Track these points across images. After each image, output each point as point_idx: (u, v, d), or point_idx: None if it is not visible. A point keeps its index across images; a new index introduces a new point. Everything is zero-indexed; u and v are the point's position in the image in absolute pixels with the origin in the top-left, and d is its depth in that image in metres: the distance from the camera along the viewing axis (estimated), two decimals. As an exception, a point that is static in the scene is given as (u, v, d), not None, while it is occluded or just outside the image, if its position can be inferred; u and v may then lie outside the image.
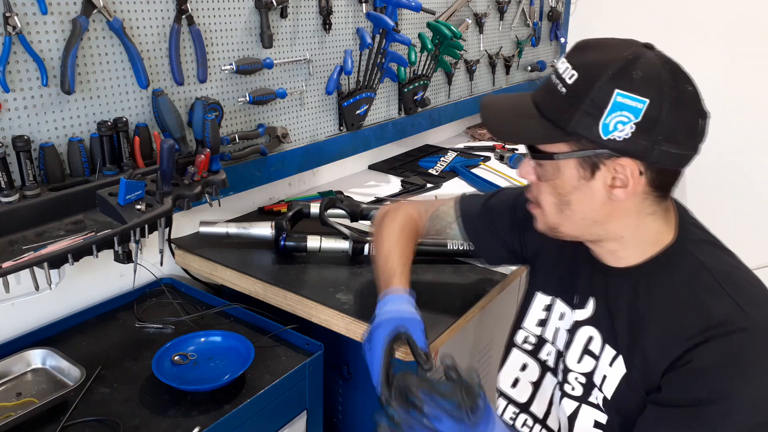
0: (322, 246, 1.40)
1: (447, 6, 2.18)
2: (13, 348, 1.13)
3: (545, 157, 0.86)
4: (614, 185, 0.83)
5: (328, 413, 1.43)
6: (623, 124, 0.78)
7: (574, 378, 0.98)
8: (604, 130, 0.79)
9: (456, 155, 2.26)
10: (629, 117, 0.77)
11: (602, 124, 0.79)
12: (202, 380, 1.09)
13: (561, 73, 0.84)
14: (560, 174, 0.85)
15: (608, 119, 0.78)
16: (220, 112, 1.40)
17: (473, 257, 1.43)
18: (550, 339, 1.05)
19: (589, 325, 0.97)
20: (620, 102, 0.77)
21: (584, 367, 0.97)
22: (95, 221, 1.12)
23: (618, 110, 0.78)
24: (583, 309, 0.98)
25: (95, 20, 1.17)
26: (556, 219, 0.90)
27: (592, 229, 0.89)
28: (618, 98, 0.77)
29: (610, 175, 0.82)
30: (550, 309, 1.06)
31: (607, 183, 0.83)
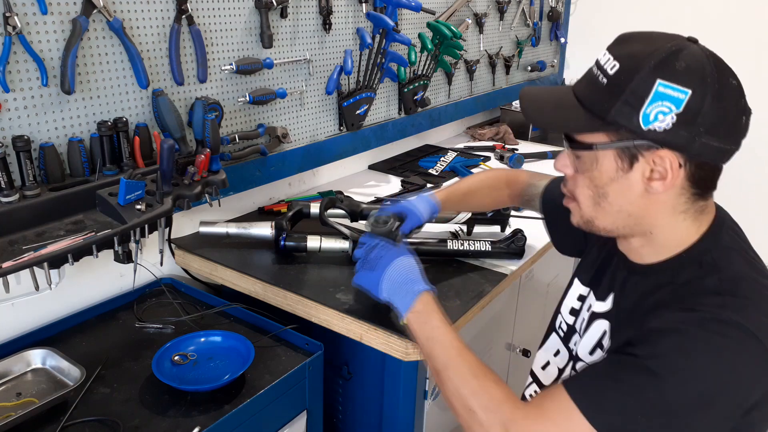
0: (322, 246, 1.40)
1: (447, 6, 2.18)
2: (13, 348, 1.13)
3: (584, 147, 0.86)
4: (652, 177, 0.82)
5: (328, 413, 1.43)
6: (664, 115, 0.77)
7: (581, 367, 0.99)
8: (645, 120, 0.78)
9: (456, 155, 2.26)
10: (670, 107, 0.77)
11: (642, 114, 0.78)
12: (202, 380, 1.09)
13: (602, 65, 0.83)
14: (598, 165, 0.85)
15: (649, 109, 0.78)
16: (220, 112, 1.40)
17: (475, 257, 1.43)
18: (579, 330, 1.05)
19: (604, 319, 0.97)
20: (662, 92, 0.77)
21: (593, 359, 0.97)
22: (95, 221, 1.12)
23: (659, 100, 0.77)
24: (603, 302, 0.99)
25: (95, 20, 1.17)
26: (592, 212, 0.90)
27: (627, 222, 0.88)
28: (660, 88, 0.77)
29: (648, 167, 0.82)
30: (583, 300, 1.06)
31: (645, 175, 0.82)
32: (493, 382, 0.88)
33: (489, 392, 0.87)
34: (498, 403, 0.85)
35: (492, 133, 2.57)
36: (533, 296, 1.80)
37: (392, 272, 1.05)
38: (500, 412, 0.84)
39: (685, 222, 0.87)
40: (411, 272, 1.05)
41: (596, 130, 0.84)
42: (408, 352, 1.12)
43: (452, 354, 0.93)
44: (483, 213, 1.53)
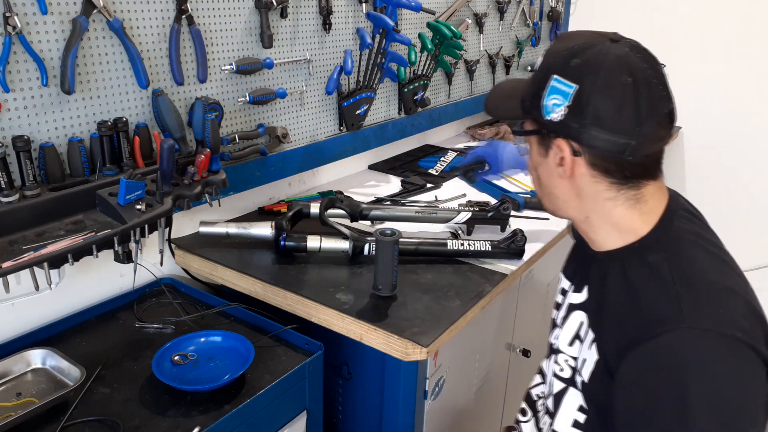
0: (322, 246, 1.40)
1: (447, 6, 2.18)
2: (13, 348, 1.13)
3: (517, 133, 0.98)
4: (559, 164, 0.91)
5: (328, 413, 1.43)
6: (558, 107, 0.87)
7: (564, 360, 1.01)
8: (546, 111, 0.88)
9: (456, 155, 2.26)
10: (562, 100, 0.86)
11: (543, 105, 0.88)
12: (202, 380, 1.09)
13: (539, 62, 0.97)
14: (531, 150, 0.97)
15: (547, 101, 0.88)
16: (220, 112, 1.40)
17: (475, 257, 1.43)
18: (559, 323, 1.07)
19: (581, 310, 0.99)
20: (554, 86, 0.87)
21: (574, 350, 0.99)
22: (95, 221, 1.12)
23: (553, 93, 0.87)
24: (579, 293, 1.01)
25: (95, 20, 1.17)
26: (538, 192, 1.01)
27: (560, 204, 0.97)
28: (554, 82, 0.87)
29: (556, 153, 0.90)
30: (565, 294, 1.08)
31: (555, 161, 0.91)
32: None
33: None
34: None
35: (492, 133, 2.57)
36: (533, 296, 1.80)
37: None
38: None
39: (618, 209, 0.91)
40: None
41: (518, 118, 0.97)
42: (408, 352, 1.12)
43: None
44: (485, 212, 1.53)
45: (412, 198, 1.82)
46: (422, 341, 1.11)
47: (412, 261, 1.40)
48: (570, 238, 1.17)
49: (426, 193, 1.89)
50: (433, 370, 1.28)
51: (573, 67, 0.85)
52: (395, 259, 1.22)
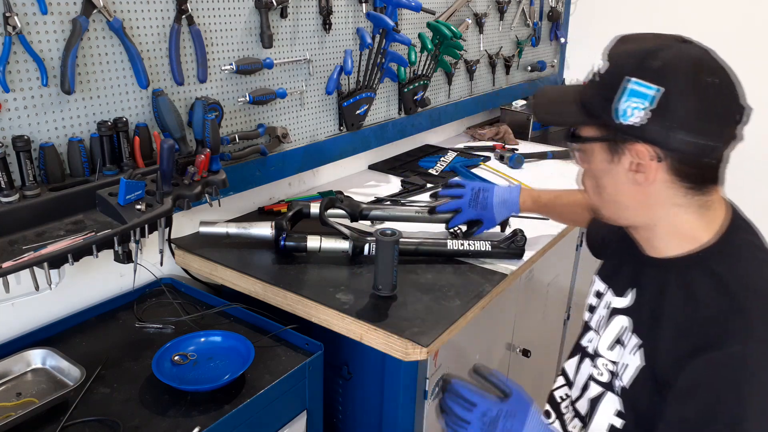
0: (322, 246, 1.40)
1: (447, 6, 2.18)
2: (13, 348, 1.13)
3: (578, 140, 0.93)
4: (635, 170, 0.86)
5: (328, 413, 1.43)
6: (639, 110, 0.82)
7: (603, 364, 1.00)
8: (622, 115, 0.83)
9: (456, 155, 2.26)
10: (643, 104, 0.81)
11: (620, 110, 0.83)
12: (202, 380, 1.09)
13: (601, 65, 0.89)
14: (593, 158, 0.91)
15: (624, 105, 0.83)
16: (220, 112, 1.40)
17: (475, 257, 1.43)
18: (594, 326, 1.06)
19: (623, 314, 0.98)
20: (634, 89, 0.82)
21: (614, 355, 0.98)
22: (95, 221, 1.12)
23: (632, 96, 0.82)
24: (623, 297, 1.00)
25: (95, 20, 1.17)
26: (597, 201, 0.96)
27: (624, 213, 0.93)
28: (633, 85, 0.82)
29: (631, 160, 0.86)
30: (600, 297, 1.07)
31: (629, 168, 0.87)
32: None
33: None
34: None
35: (492, 133, 2.57)
36: (533, 296, 1.80)
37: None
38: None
39: (687, 216, 0.89)
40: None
41: (585, 124, 0.91)
42: (408, 352, 1.12)
43: None
44: None
45: (412, 198, 1.82)
46: (422, 341, 1.11)
47: (412, 261, 1.40)
48: (566, 239, 1.17)
49: (426, 193, 1.89)
50: (433, 370, 1.28)
51: (653, 69, 0.81)
52: (395, 259, 1.22)
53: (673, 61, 0.82)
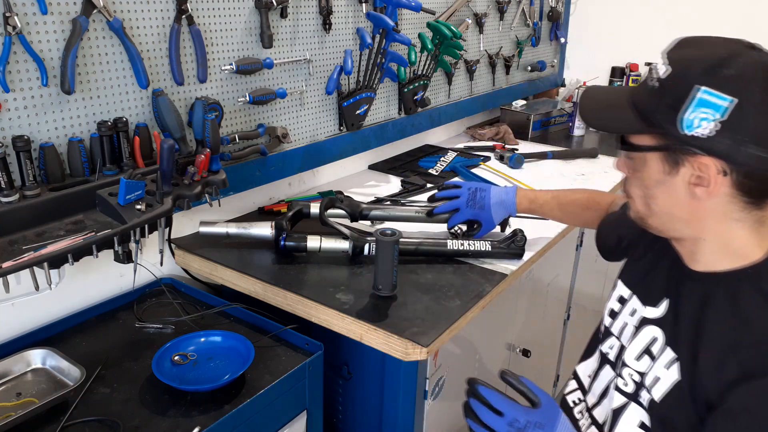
0: (322, 246, 1.40)
1: (447, 6, 2.18)
2: (13, 348, 1.13)
3: (632, 148, 0.88)
4: (696, 183, 0.82)
5: (328, 413, 1.43)
6: (707, 122, 0.77)
7: (629, 374, 0.98)
8: (688, 125, 0.78)
9: (456, 155, 2.26)
10: (714, 114, 0.77)
11: (686, 120, 0.78)
12: (202, 380, 1.09)
13: (657, 68, 0.84)
14: (646, 167, 0.87)
15: (692, 115, 0.78)
16: (220, 112, 1.40)
17: (475, 257, 1.43)
18: (616, 333, 1.05)
19: (655, 325, 0.96)
20: (704, 99, 0.77)
21: (641, 365, 0.96)
22: (95, 221, 1.12)
23: (702, 107, 0.77)
24: (654, 307, 0.97)
25: (95, 20, 1.17)
26: (644, 211, 0.92)
27: (676, 225, 0.89)
28: (703, 95, 0.77)
29: (692, 172, 0.82)
30: (624, 302, 1.05)
31: (689, 180, 0.83)
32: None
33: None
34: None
35: (492, 133, 2.57)
36: (533, 296, 1.80)
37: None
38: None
39: (741, 231, 0.85)
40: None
41: (642, 132, 0.85)
42: (408, 352, 1.12)
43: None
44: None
45: (412, 198, 1.82)
46: (422, 341, 1.11)
47: (412, 261, 1.40)
48: (566, 239, 1.16)
49: (426, 193, 1.89)
50: (433, 370, 1.28)
51: (726, 78, 0.76)
52: (395, 259, 1.22)
53: (747, 71, 0.76)
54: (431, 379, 1.28)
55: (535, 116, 2.66)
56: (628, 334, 1.02)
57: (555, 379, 2.25)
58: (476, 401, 0.92)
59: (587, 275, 2.20)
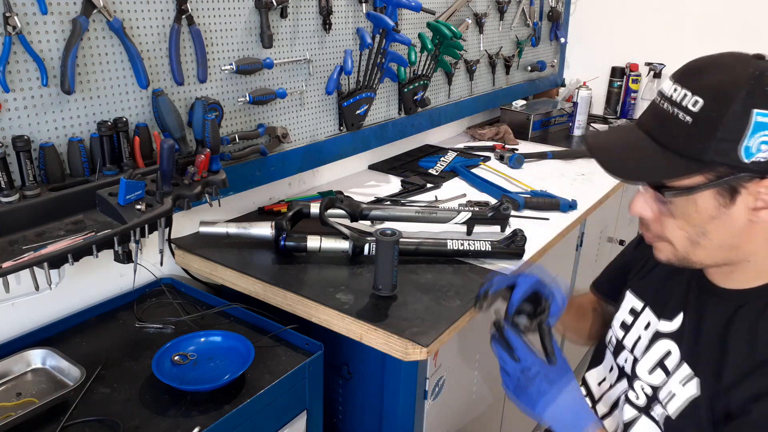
0: (322, 246, 1.40)
1: (447, 6, 2.18)
2: (13, 348, 1.13)
3: (680, 192, 0.80)
4: (758, 207, 0.78)
5: (328, 413, 1.43)
6: (766, 145, 0.74)
7: (640, 387, 0.98)
8: (747, 153, 0.74)
9: (456, 155, 2.26)
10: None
11: (744, 148, 0.74)
12: (202, 380, 1.09)
13: (678, 101, 0.78)
14: (697, 207, 0.80)
15: (750, 141, 0.74)
16: (220, 112, 1.40)
17: (475, 257, 1.43)
18: (629, 347, 1.04)
19: (670, 339, 0.95)
20: (761, 121, 0.73)
21: (653, 379, 0.96)
22: (95, 221, 1.12)
23: (760, 130, 0.73)
24: (669, 321, 0.96)
25: (95, 20, 1.17)
26: (689, 249, 0.86)
27: (727, 254, 0.85)
28: (758, 118, 0.73)
29: (752, 198, 0.78)
30: (637, 315, 1.04)
31: (750, 206, 0.79)
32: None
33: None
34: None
35: (492, 133, 2.57)
36: (533, 296, 1.79)
37: (555, 412, 0.94)
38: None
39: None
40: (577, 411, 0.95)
41: (693, 173, 0.78)
42: (408, 352, 1.12)
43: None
44: (485, 212, 1.53)
45: (412, 198, 1.82)
46: (422, 341, 1.11)
47: (412, 261, 1.40)
48: (566, 239, 1.15)
49: (426, 193, 1.89)
50: (433, 370, 1.28)
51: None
52: (395, 259, 1.22)
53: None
54: (431, 379, 1.28)
55: (535, 116, 2.67)
56: (641, 347, 1.01)
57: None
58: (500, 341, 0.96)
59: (587, 275, 2.20)
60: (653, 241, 0.91)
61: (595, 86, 2.97)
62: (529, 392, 0.95)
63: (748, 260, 0.85)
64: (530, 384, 0.94)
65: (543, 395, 0.93)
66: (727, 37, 2.72)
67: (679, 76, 0.81)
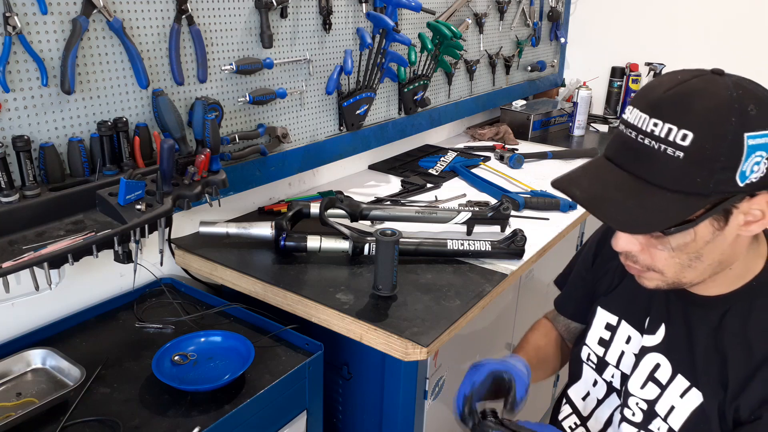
0: (322, 246, 1.40)
1: (447, 6, 2.18)
2: (13, 348, 1.13)
3: (681, 228, 0.78)
4: (749, 221, 0.79)
5: (328, 413, 1.43)
6: (758, 165, 0.75)
7: (635, 403, 0.98)
8: (742, 177, 0.74)
9: (456, 155, 2.26)
10: (762, 155, 0.74)
11: (740, 173, 0.74)
12: (202, 380, 1.09)
13: (663, 135, 0.75)
14: (695, 236, 0.80)
15: (745, 166, 0.74)
16: (220, 112, 1.40)
17: (475, 257, 1.43)
18: (614, 362, 1.04)
19: (657, 353, 0.95)
20: (753, 144, 0.74)
21: (647, 393, 0.96)
22: (95, 221, 1.12)
23: (752, 152, 0.74)
24: (653, 335, 0.96)
25: (95, 20, 1.17)
26: (680, 274, 0.85)
27: (716, 269, 0.85)
28: (750, 141, 0.73)
29: (742, 216, 0.79)
30: (614, 331, 1.04)
31: (740, 223, 0.79)
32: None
33: None
34: None
35: (492, 133, 2.57)
36: (533, 296, 1.80)
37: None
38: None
39: (750, 248, 0.86)
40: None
41: (699, 209, 0.77)
42: (408, 352, 1.12)
43: None
44: (485, 212, 1.53)
45: (412, 198, 1.82)
46: (422, 341, 1.11)
47: (412, 261, 1.40)
48: (566, 239, 1.16)
49: (426, 193, 1.89)
50: (433, 370, 1.28)
51: (755, 116, 0.73)
52: (395, 259, 1.22)
53: (760, 98, 0.75)
54: (431, 379, 1.28)
55: (535, 116, 2.67)
56: (628, 362, 1.01)
57: (555, 379, 2.25)
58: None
59: (587, 275, 2.20)
60: (641, 272, 0.88)
61: (595, 86, 2.97)
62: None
63: (730, 267, 0.86)
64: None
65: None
66: (727, 37, 2.72)
67: (652, 107, 0.77)
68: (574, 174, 0.85)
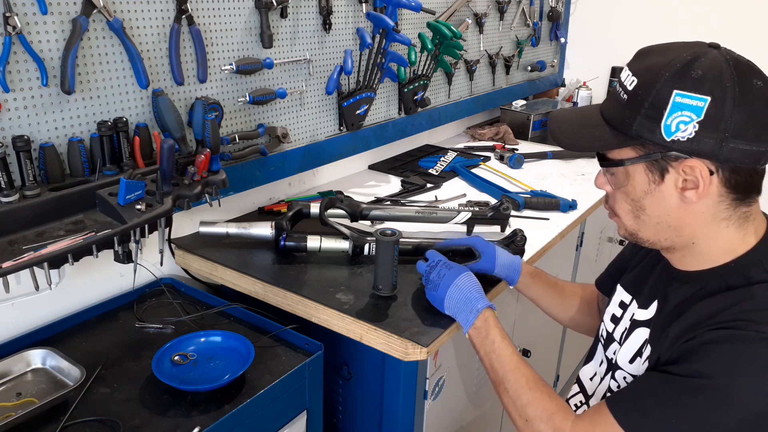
0: (322, 246, 1.40)
1: (447, 6, 2.18)
2: (13, 348, 1.13)
3: (614, 164, 0.88)
4: (685, 187, 0.83)
5: (328, 413, 1.43)
6: (685, 124, 0.78)
7: (622, 377, 0.99)
8: (667, 131, 0.79)
9: (456, 155, 2.26)
10: (691, 116, 0.78)
11: (664, 126, 0.79)
12: (202, 380, 1.09)
13: (623, 81, 0.85)
14: (631, 180, 0.87)
15: (669, 120, 0.79)
16: (220, 112, 1.40)
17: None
18: (618, 338, 1.05)
19: (645, 327, 0.97)
20: (680, 102, 0.78)
21: (633, 368, 0.97)
22: (95, 221, 1.12)
23: (678, 110, 0.78)
24: (646, 309, 0.98)
25: (95, 20, 1.17)
26: (634, 225, 0.92)
27: (668, 234, 0.89)
28: (677, 98, 0.78)
29: (680, 177, 0.82)
30: (625, 308, 1.06)
31: (678, 185, 0.83)
32: (547, 395, 0.94)
33: (543, 404, 0.93)
34: (550, 414, 0.91)
35: (492, 133, 2.57)
36: (533, 296, 1.79)
37: (454, 291, 1.11)
38: (552, 422, 0.90)
39: (728, 230, 0.86)
40: (472, 290, 1.11)
41: (621, 146, 0.86)
42: (408, 352, 1.12)
43: (510, 367, 0.99)
44: (485, 212, 1.53)
45: (412, 198, 1.82)
46: (422, 341, 1.11)
47: (412, 261, 1.40)
48: (566, 239, 1.16)
49: (426, 193, 1.89)
50: (433, 370, 1.28)
51: (696, 79, 0.77)
52: (395, 259, 1.22)
53: (715, 68, 0.78)
54: (431, 379, 1.28)
55: (535, 116, 2.67)
56: (624, 336, 1.02)
57: (555, 379, 2.25)
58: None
59: (587, 275, 2.20)
60: (611, 217, 0.97)
61: (595, 86, 2.97)
62: (432, 280, 1.14)
63: (693, 242, 0.89)
64: (432, 271, 1.15)
65: (443, 278, 1.12)
66: (726, 37, 2.72)
67: (631, 59, 0.88)
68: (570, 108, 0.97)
